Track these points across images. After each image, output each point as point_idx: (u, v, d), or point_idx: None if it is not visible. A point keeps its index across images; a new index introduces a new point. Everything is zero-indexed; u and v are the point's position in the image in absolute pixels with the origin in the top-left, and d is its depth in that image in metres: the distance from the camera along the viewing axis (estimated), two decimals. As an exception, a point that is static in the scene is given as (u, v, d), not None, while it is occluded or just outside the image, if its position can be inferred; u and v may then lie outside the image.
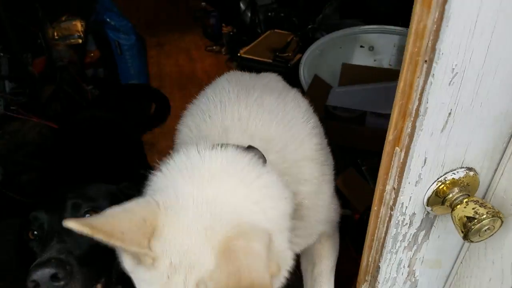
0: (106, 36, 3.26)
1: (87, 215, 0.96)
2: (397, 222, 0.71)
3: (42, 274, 0.81)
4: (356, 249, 1.65)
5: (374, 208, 0.75)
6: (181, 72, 3.90)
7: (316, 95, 2.17)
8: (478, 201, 0.62)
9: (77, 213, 0.96)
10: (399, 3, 2.62)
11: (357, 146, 2.02)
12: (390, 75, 2.04)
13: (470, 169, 0.65)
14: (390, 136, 0.64)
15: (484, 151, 0.64)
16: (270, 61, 2.81)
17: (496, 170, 0.66)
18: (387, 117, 0.66)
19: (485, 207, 0.61)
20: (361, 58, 2.30)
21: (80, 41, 3.24)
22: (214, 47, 4.16)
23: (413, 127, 0.60)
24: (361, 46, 2.32)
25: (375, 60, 2.30)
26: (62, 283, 0.82)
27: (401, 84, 0.61)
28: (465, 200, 0.63)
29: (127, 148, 1.68)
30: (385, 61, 2.29)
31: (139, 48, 3.41)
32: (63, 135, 1.84)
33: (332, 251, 1.03)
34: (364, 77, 2.06)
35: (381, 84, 2.03)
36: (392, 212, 0.70)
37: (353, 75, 2.11)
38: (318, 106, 2.09)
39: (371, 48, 2.30)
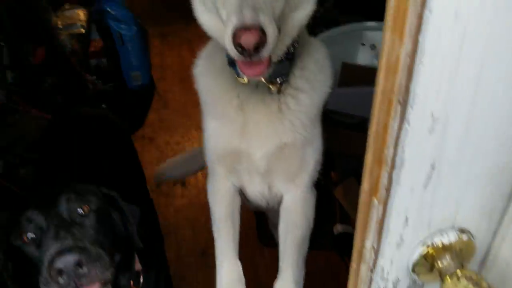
0: (108, 26, 3.18)
1: (79, 209, 0.95)
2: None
3: (66, 261, 0.79)
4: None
5: (353, 266, 0.64)
6: (183, 64, 3.77)
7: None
8: (472, 278, 0.49)
9: (71, 207, 0.95)
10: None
11: (359, 153, 1.89)
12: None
13: (463, 231, 0.53)
14: (365, 185, 0.53)
15: (480, 210, 0.51)
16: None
17: (495, 232, 0.54)
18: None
19: (479, 286, 0.49)
20: (363, 57, 2.14)
21: (83, 30, 3.18)
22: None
23: (390, 180, 0.47)
24: (363, 44, 2.16)
25: (377, 59, 2.15)
26: (86, 269, 0.81)
27: (373, 124, 0.48)
28: (456, 273, 0.51)
29: (116, 147, 1.63)
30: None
31: (140, 39, 3.32)
32: (56, 130, 1.78)
33: (305, 218, 1.04)
34: (366, 79, 1.91)
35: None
36: (372, 276, 0.59)
37: (354, 75, 1.96)
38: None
39: (373, 47, 2.15)
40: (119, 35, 3.16)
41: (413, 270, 0.56)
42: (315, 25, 2.39)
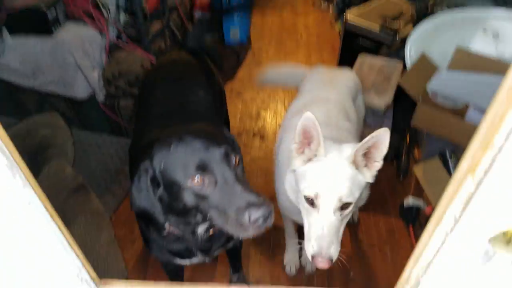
0: (218, -17, 3.28)
1: (233, 160, 1.01)
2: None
3: (260, 214, 0.90)
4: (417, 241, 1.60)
5: (429, 228, 0.67)
6: (282, 25, 3.82)
7: (419, 76, 1.97)
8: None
9: (231, 159, 1.00)
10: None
11: (451, 139, 1.83)
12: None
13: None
14: (464, 164, 0.58)
15: None
16: (377, 30, 2.60)
17: None
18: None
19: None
20: (480, 45, 1.99)
21: (194, -15, 3.32)
22: (322, 5, 3.97)
23: (492, 163, 0.52)
24: (484, 30, 2.00)
25: (496, 49, 1.97)
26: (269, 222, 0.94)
27: (490, 113, 0.53)
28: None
29: (209, 88, 1.69)
30: (509, 54, 1.95)
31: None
32: (151, 72, 1.89)
33: None
34: (477, 67, 1.79)
35: (496, 77, 1.73)
36: (446, 238, 0.62)
37: (467, 63, 1.84)
38: (418, 88, 1.90)
39: (496, 36, 1.98)
40: (227, -8, 3.26)
41: (489, 241, 0.58)
42: (438, 4, 2.25)
